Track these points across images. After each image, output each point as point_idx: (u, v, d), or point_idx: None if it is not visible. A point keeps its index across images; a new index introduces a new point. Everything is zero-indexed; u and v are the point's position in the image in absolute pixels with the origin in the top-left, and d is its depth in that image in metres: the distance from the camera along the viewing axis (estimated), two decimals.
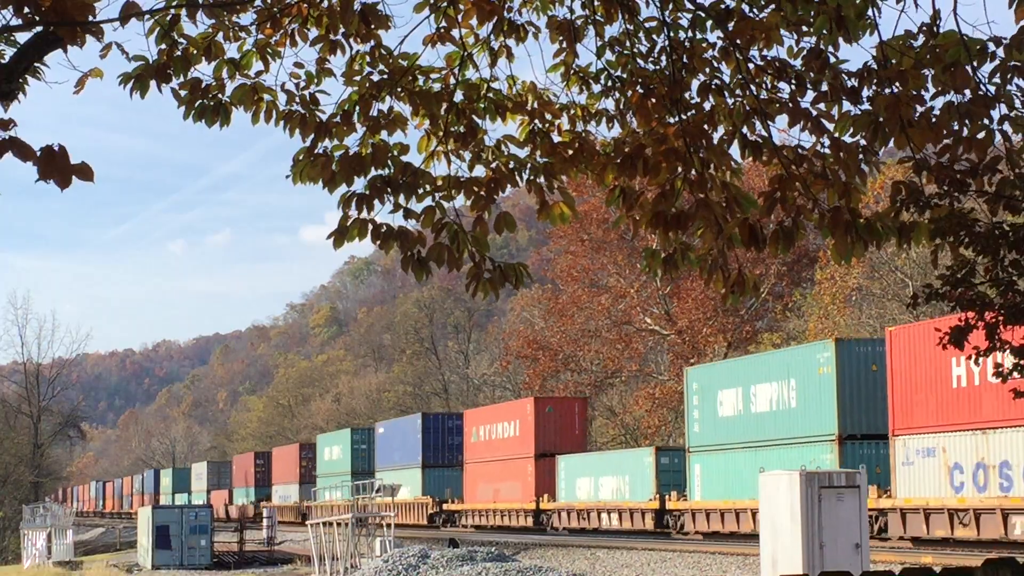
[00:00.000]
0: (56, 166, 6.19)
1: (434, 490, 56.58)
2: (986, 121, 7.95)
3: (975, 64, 7.75)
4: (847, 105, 8.07)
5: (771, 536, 23.08)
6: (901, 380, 31.08)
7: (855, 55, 8.30)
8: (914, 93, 7.78)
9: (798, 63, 8.19)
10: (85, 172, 6.25)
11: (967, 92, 7.81)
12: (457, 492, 55.85)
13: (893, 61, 7.88)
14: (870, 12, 7.87)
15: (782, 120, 8.22)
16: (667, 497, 41.09)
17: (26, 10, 6.27)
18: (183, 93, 8.43)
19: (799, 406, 34.73)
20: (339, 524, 42.86)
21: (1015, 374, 13.72)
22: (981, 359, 14.16)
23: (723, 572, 31.65)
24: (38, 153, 6.21)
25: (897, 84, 7.77)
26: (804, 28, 8.10)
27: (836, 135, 8.09)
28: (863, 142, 8.06)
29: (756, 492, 28.05)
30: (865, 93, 8.01)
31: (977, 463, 28.96)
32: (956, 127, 7.90)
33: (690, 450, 39.60)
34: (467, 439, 55.82)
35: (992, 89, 7.97)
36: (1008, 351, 13.51)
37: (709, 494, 38.45)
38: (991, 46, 7.95)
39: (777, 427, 35.46)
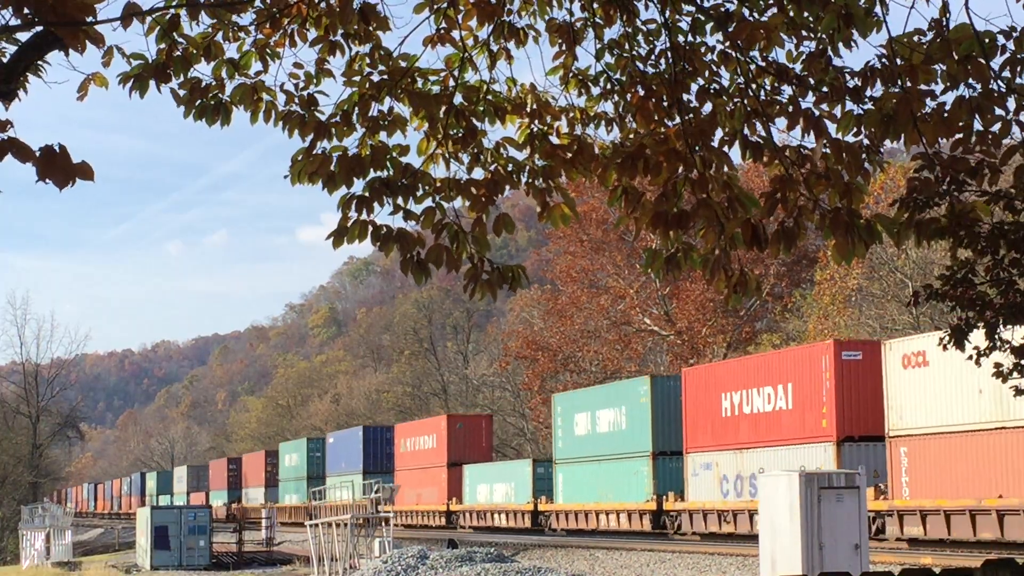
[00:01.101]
0: (56, 166, 6.18)
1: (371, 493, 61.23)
2: (1001, 112, 7.93)
3: (987, 57, 7.73)
4: (850, 104, 8.05)
5: (770, 537, 23.08)
6: (690, 410, 40.08)
7: (857, 56, 8.30)
8: (924, 88, 7.76)
9: (798, 67, 8.17)
10: (85, 171, 6.24)
11: (978, 86, 7.79)
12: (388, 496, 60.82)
13: (899, 60, 7.85)
14: (877, 10, 7.85)
15: (783, 121, 8.21)
16: (539, 500, 50.00)
17: (26, 10, 6.25)
18: (183, 93, 8.42)
19: (627, 428, 43.33)
20: (338, 524, 42.85)
21: (1015, 374, 13.74)
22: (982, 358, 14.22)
23: (722, 572, 31.64)
24: (37, 153, 6.20)
25: (907, 80, 7.75)
26: (804, 32, 8.09)
27: (838, 135, 8.07)
28: (866, 141, 8.05)
29: (602, 496, 42.68)
30: (869, 92, 8.00)
31: (737, 475, 37.50)
32: (968, 121, 7.88)
33: (556, 462, 48.53)
34: (397, 450, 64.76)
35: (1003, 83, 7.95)
36: (1008, 351, 13.53)
37: (569, 498, 47.28)
38: (1001, 39, 7.93)
39: (613, 444, 44.14)
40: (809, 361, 35.02)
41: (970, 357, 13.97)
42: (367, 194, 8.19)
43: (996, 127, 8.02)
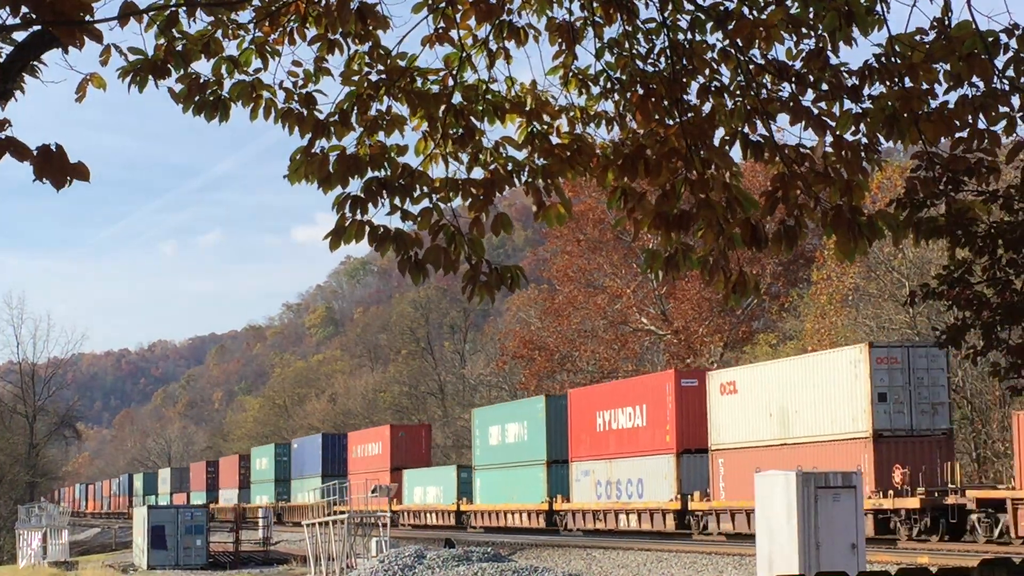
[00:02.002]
0: (53, 166, 6.18)
1: (328, 494, 68.60)
2: (1005, 109, 7.93)
3: (990, 55, 7.73)
4: (848, 103, 8.04)
5: (767, 536, 23.09)
6: (574, 425, 47.79)
7: (856, 55, 8.29)
8: (925, 87, 7.75)
9: (798, 64, 8.17)
10: (81, 172, 6.23)
11: (981, 84, 7.79)
12: (343, 497, 68.01)
13: (897, 60, 7.85)
14: (878, 8, 7.84)
15: (783, 119, 8.20)
16: (462, 501, 57.06)
17: (24, 9, 6.24)
18: (180, 89, 8.41)
19: (528, 440, 51.15)
20: (335, 524, 42.85)
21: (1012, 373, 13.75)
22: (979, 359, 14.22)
23: (719, 572, 31.67)
24: (35, 153, 6.19)
25: (907, 79, 7.74)
26: (804, 30, 8.08)
27: (838, 133, 8.06)
28: (864, 139, 8.05)
29: (509, 498, 50.90)
30: (867, 91, 7.99)
31: (607, 480, 45.17)
32: (971, 120, 7.88)
33: (474, 468, 56.15)
34: (351, 455, 72.37)
35: (1007, 82, 7.95)
36: (1005, 350, 13.54)
37: (485, 499, 54.78)
38: (1004, 37, 7.93)
39: (517, 453, 52.02)
40: (657, 387, 42.49)
41: (967, 356, 13.99)
42: (363, 194, 8.17)
43: (1000, 125, 8.02)
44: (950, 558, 27.91)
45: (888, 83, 7.92)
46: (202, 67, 8.49)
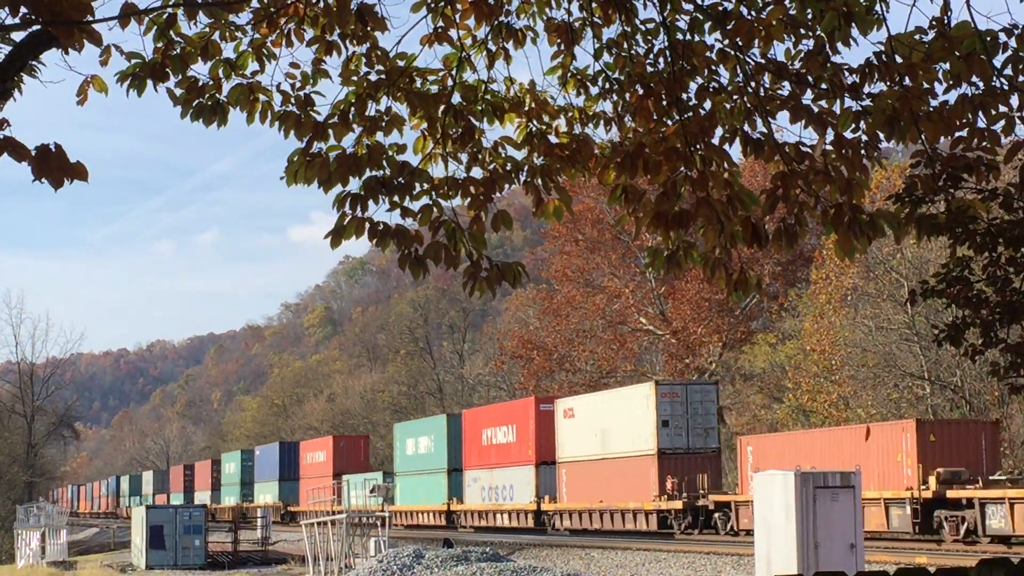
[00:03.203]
0: (51, 166, 6.18)
1: (284, 496, 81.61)
2: (1004, 109, 7.92)
3: (989, 54, 7.72)
4: (848, 101, 8.04)
5: (766, 536, 23.09)
6: (467, 439, 57.28)
7: (855, 53, 8.29)
8: (925, 87, 7.75)
9: (797, 64, 8.16)
10: (80, 172, 6.23)
11: (981, 84, 7.79)
12: (296, 499, 79.53)
13: (899, 59, 7.84)
14: (878, 8, 7.84)
15: (783, 117, 8.20)
16: (386, 504, 61.35)
17: (23, 9, 6.23)
18: (179, 93, 8.40)
19: (434, 451, 60.37)
20: (333, 524, 42.84)
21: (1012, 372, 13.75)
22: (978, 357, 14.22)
23: (717, 572, 31.68)
24: (33, 153, 6.19)
25: (907, 78, 7.74)
26: (803, 30, 8.08)
27: (838, 131, 8.06)
28: (864, 137, 8.04)
29: (420, 500, 59.33)
30: (867, 89, 7.99)
31: (490, 486, 54.29)
32: (970, 119, 7.88)
33: (395, 474, 65.02)
34: (302, 461, 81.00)
35: (1005, 81, 7.95)
36: (1004, 349, 13.53)
37: (403, 501, 63.01)
38: (1003, 36, 7.93)
39: (426, 462, 61.40)
40: (523, 410, 52.75)
41: (966, 354, 13.99)
42: (362, 192, 8.17)
43: (999, 125, 8.02)
44: (948, 558, 27.94)
45: (888, 81, 7.92)
46: (200, 70, 8.48)
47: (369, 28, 8.41)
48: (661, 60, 8.55)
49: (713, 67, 8.36)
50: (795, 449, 37.54)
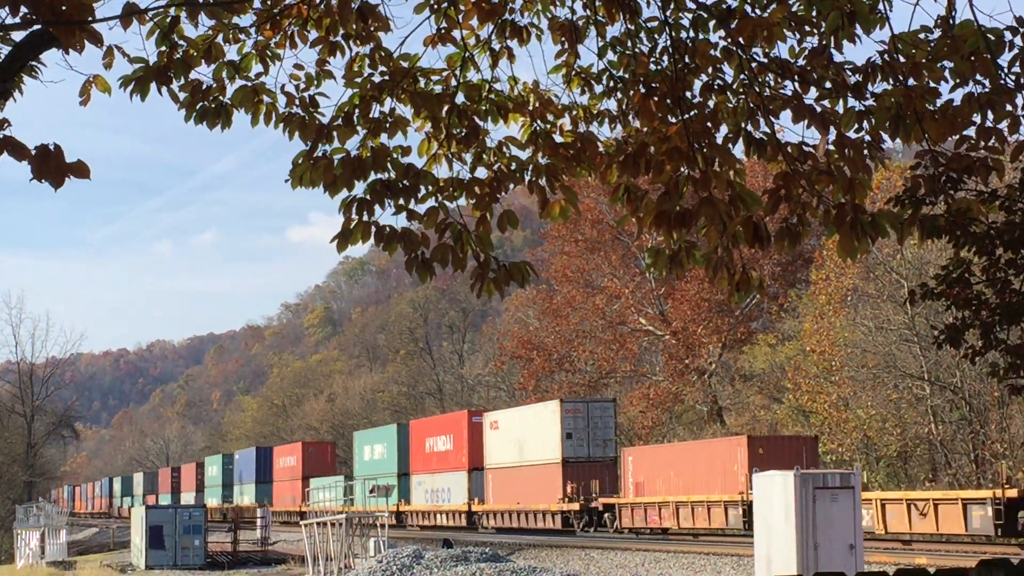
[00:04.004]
0: (51, 165, 6.17)
1: (260, 497, 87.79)
2: (1010, 108, 7.90)
3: (993, 53, 7.70)
4: (851, 101, 8.03)
5: (765, 536, 23.10)
6: (413, 447, 64.36)
7: (859, 51, 8.28)
8: (930, 86, 7.74)
9: (800, 62, 8.15)
10: (81, 170, 6.23)
11: (986, 82, 7.77)
12: (271, 500, 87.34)
13: (901, 58, 7.83)
14: (881, 7, 7.83)
15: (785, 117, 8.18)
16: (346, 504, 68.83)
17: (23, 9, 6.23)
18: (183, 96, 8.39)
19: (387, 457, 67.36)
20: (333, 524, 42.84)
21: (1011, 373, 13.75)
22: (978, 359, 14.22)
23: (717, 572, 31.69)
24: (33, 152, 6.19)
25: (911, 77, 7.72)
26: (807, 28, 8.07)
27: (841, 130, 8.04)
28: (867, 137, 8.03)
29: (375, 502, 55.08)
30: (871, 88, 7.98)
31: (432, 489, 61.23)
32: (976, 118, 7.86)
33: (355, 478, 68.70)
34: (275, 465, 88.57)
35: (1011, 79, 7.93)
36: (1003, 350, 13.54)
37: (360, 503, 63.22)
38: (1008, 35, 7.91)
39: (380, 467, 67.27)
40: (458, 422, 60.21)
41: (965, 355, 14.00)
42: (368, 196, 8.15)
43: (1004, 123, 8.01)
44: (948, 559, 27.94)
45: (892, 80, 7.90)
46: (203, 73, 8.46)
47: (372, 28, 8.40)
48: (665, 58, 8.54)
49: (716, 66, 8.35)
50: (666, 460, 45.80)
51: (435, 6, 8.52)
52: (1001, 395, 42.92)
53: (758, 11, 8.11)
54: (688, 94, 8.38)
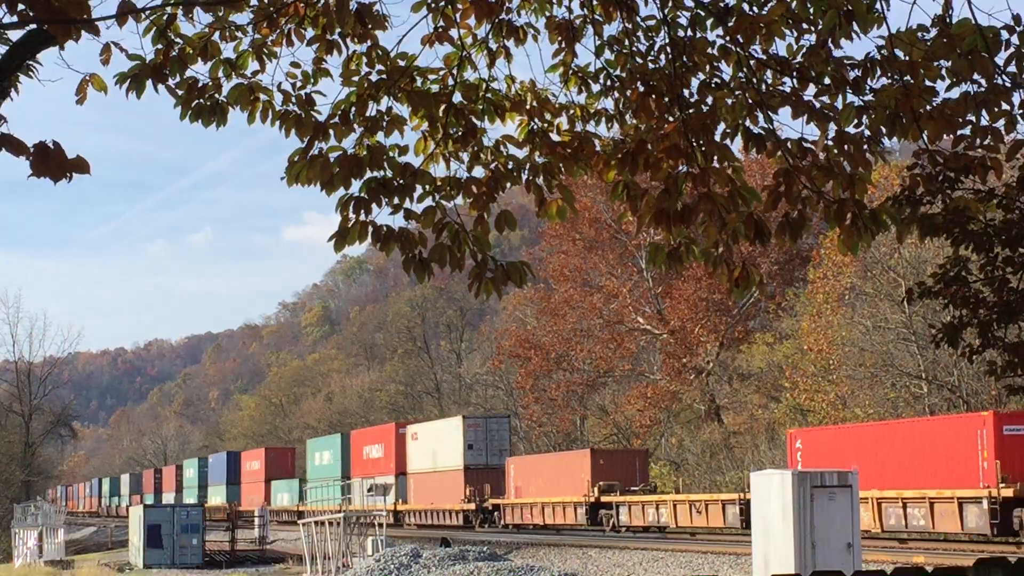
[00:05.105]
0: (50, 162, 6.16)
1: (230, 498, 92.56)
2: (1006, 107, 7.89)
3: (990, 52, 7.69)
4: (851, 96, 8.01)
5: (763, 536, 23.09)
6: (354, 453, 73.40)
7: (858, 46, 8.26)
8: (926, 84, 7.72)
9: (799, 59, 8.13)
10: (80, 165, 6.21)
11: (983, 81, 7.75)
12: (239, 500, 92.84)
13: (901, 54, 7.81)
14: (879, 6, 7.81)
15: (784, 113, 8.17)
16: (301, 504, 74.31)
17: (20, 7, 6.21)
18: (180, 93, 8.36)
19: (333, 463, 76.93)
20: (331, 523, 42.84)
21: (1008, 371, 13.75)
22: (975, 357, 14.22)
23: (715, 571, 31.69)
24: (31, 149, 6.17)
25: (908, 76, 7.71)
26: (804, 25, 8.06)
27: (840, 126, 8.02)
28: (867, 132, 8.02)
29: (325, 502, 59.99)
30: (870, 84, 7.96)
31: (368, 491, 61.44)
32: (972, 117, 7.84)
33: (308, 480, 78.61)
34: (243, 468, 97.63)
35: (1008, 78, 7.91)
36: (1001, 348, 13.54)
37: (314, 502, 69.67)
38: (1004, 34, 7.90)
39: (328, 471, 75.88)
40: (387, 433, 69.38)
41: (963, 354, 13.99)
42: (365, 195, 8.13)
43: (1001, 123, 8.00)
44: (946, 557, 27.95)
45: (891, 76, 7.89)
46: (200, 70, 8.44)
47: (369, 27, 8.39)
48: (662, 57, 8.52)
49: (714, 63, 8.33)
50: (537, 468, 55.54)
51: (432, 5, 8.51)
52: (999, 394, 42.92)
53: (755, 9, 8.10)
54: (686, 92, 8.36)
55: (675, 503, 44.66)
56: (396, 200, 8.22)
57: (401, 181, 8.22)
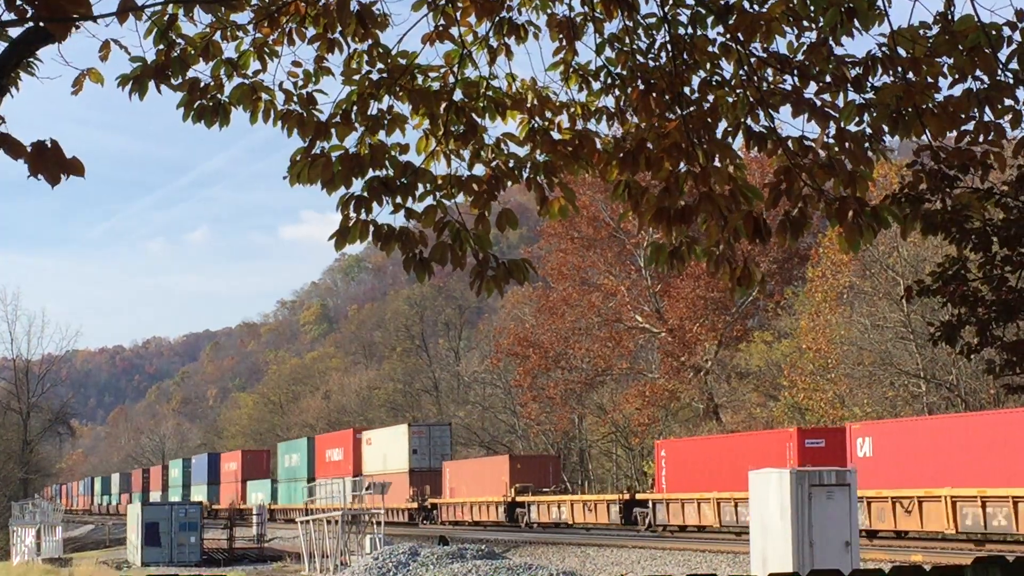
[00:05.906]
0: (47, 162, 6.14)
1: (210, 497, 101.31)
2: (1010, 103, 7.87)
3: (993, 48, 7.67)
4: (852, 94, 8.00)
5: (761, 534, 23.10)
6: (318, 457, 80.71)
7: (859, 44, 8.25)
8: (928, 81, 7.71)
9: (799, 56, 8.13)
10: (76, 167, 6.19)
11: (986, 78, 7.74)
12: (218, 499, 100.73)
13: (902, 52, 7.81)
14: (880, 3, 7.80)
15: (785, 112, 8.16)
16: (272, 503, 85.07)
17: (18, 2, 6.20)
18: (182, 96, 8.35)
19: (300, 464, 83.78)
20: (329, 522, 42.85)
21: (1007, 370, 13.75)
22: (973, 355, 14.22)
23: (713, 570, 31.72)
24: (28, 149, 6.16)
25: (910, 73, 7.70)
26: (805, 23, 8.05)
27: (841, 124, 8.02)
28: (868, 130, 8.01)
29: (292, 500, 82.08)
30: (871, 82, 7.95)
31: (330, 491, 64.03)
32: (976, 114, 7.83)
33: (279, 480, 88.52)
34: (222, 469, 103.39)
35: (1011, 75, 7.90)
36: (999, 347, 13.54)
37: (283, 501, 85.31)
38: (1007, 30, 7.88)
39: (297, 472, 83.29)
40: (346, 438, 76.76)
41: (961, 352, 13.99)
42: (366, 194, 8.13)
43: (1005, 119, 7.98)
44: (944, 556, 27.97)
45: (892, 74, 7.88)
46: (201, 70, 8.43)
47: (370, 27, 8.38)
48: (663, 55, 8.51)
49: (715, 61, 8.32)
50: (467, 470, 63.04)
51: (433, 3, 8.49)
52: (997, 392, 42.95)
53: (756, 6, 8.09)
54: (687, 90, 8.35)
55: (572, 503, 53.43)
56: (398, 199, 8.21)
57: (403, 180, 8.21)
